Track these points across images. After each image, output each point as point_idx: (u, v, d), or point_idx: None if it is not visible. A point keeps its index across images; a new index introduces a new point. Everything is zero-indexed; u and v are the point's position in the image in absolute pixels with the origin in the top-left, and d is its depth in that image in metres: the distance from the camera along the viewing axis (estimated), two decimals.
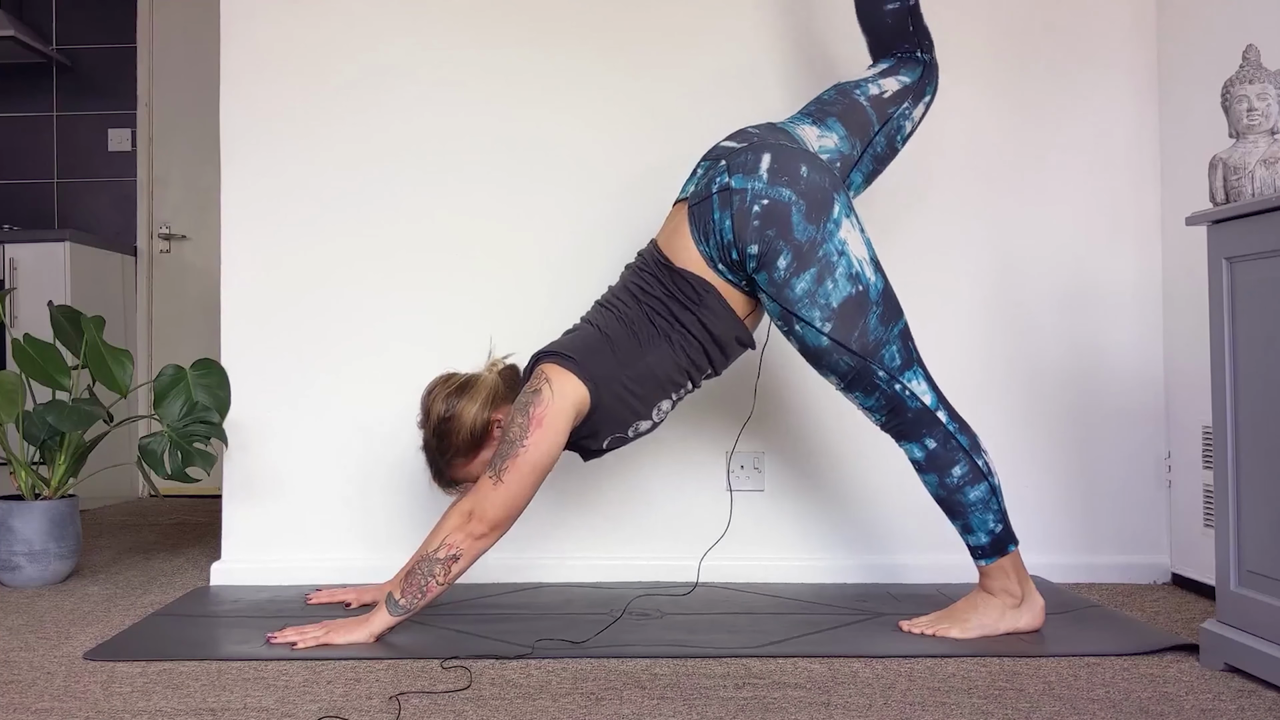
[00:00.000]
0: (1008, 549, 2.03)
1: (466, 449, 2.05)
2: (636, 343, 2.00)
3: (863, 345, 1.97)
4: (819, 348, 1.98)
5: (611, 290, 2.11)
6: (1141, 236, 2.66)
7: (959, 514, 2.02)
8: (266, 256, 2.63)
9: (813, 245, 1.94)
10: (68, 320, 2.69)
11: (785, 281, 1.95)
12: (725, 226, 1.96)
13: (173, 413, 2.53)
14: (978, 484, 2.01)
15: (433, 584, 1.94)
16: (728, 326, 2.02)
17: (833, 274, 1.95)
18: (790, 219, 1.94)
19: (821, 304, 1.95)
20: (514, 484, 1.92)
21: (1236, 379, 1.80)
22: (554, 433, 1.93)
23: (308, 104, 2.64)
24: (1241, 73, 1.83)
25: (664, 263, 2.04)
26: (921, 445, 2.01)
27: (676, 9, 2.65)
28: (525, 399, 1.95)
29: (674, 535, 2.62)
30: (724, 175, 2.00)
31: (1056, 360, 2.65)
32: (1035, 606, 2.06)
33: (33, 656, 1.95)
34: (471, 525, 1.92)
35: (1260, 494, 1.74)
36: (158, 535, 3.41)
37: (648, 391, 2.01)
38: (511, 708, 1.64)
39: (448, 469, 2.08)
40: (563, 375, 1.96)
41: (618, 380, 1.98)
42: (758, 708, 1.64)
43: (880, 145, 2.16)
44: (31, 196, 4.57)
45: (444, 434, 2.04)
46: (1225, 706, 1.64)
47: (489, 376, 2.09)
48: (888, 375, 1.98)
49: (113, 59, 4.58)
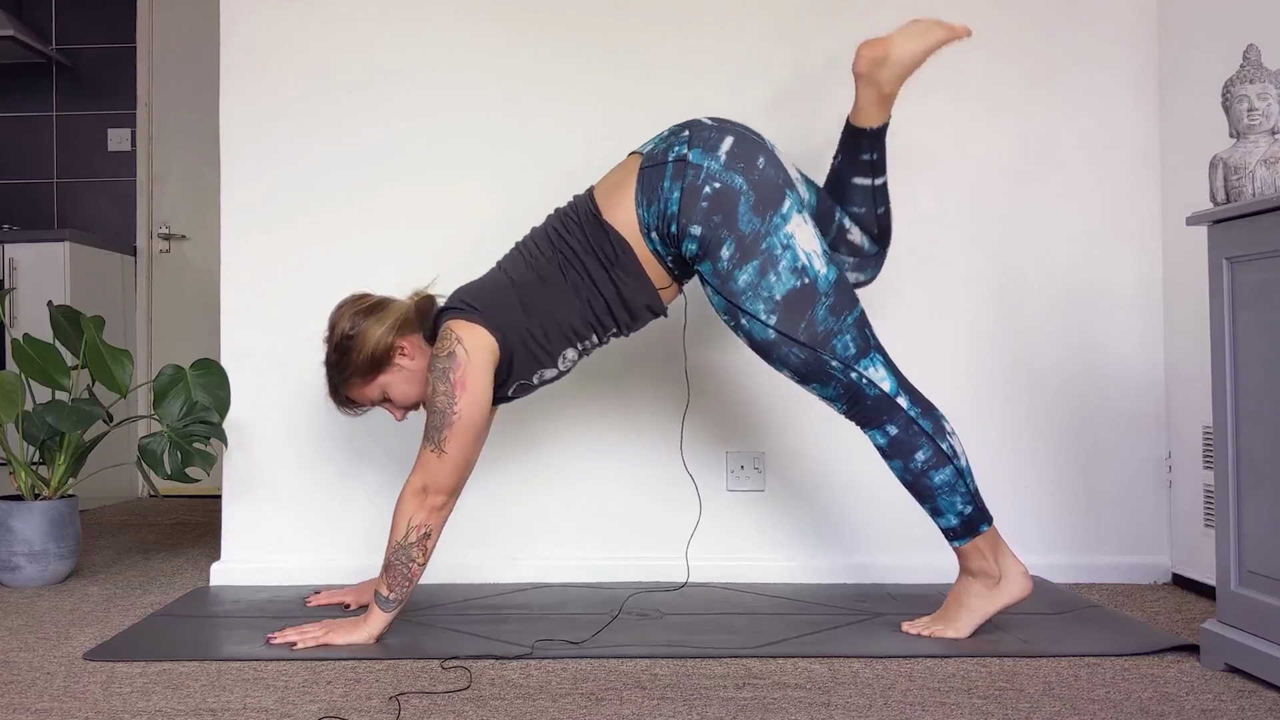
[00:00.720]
0: (980, 529, 2.02)
1: (365, 370, 2.05)
2: (545, 293, 2.00)
3: (811, 336, 1.96)
4: (766, 340, 1.97)
5: (532, 233, 2.10)
6: (1142, 236, 2.65)
7: (926, 497, 2.02)
8: (266, 256, 2.63)
9: (756, 237, 1.94)
10: (67, 320, 2.69)
11: (728, 273, 1.95)
12: (673, 198, 1.95)
13: (172, 413, 2.53)
14: (942, 467, 1.99)
15: (414, 568, 1.96)
16: (639, 293, 2.02)
17: (775, 267, 1.94)
18: (737, 208, 1.93)
19: (765, 296, 1.94)
20: (456, 450, 1.95)
21: (1237, 379, 1.80)
22: (479, 390, 1.95)
23: (308, 104, 2.64)
24: (1242, 72, 1.83)
25: (594, 214, 2.02)
26: (883, 432, 2.00)
27: (677, 9, 2.64)
28: (442, 364, 1.95)
29: (673, 535, 2.62)
30: (683, 146, 1.98)
31: (1057, 360, 2.65)
32: (1016, 576, 2.03)
33: (32, 657, 1.94)
34: (430, 499, 1.95)
35: (1261, 494, 1.74)
36: (157, 535, 3.41)
37: (554, 341, 2.02)
38: (511, 708, 1.63)
39: (344, 387, 2.09)
40: (471, 330, 1.97)
41: (524, 329, 1.99)
42: (758, 708, 1.63)
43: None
44: (31, 196, 4.57)
45: (345, 351, 2.05)
46: (1226, 707, 1.64)
47: (401, 302, 2.10)
48: (842, 364, 1.97)
49: (112, 59, 4.58)
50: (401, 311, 2.08)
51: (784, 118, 2.64)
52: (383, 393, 2.09)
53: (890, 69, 1.98)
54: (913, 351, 2.63)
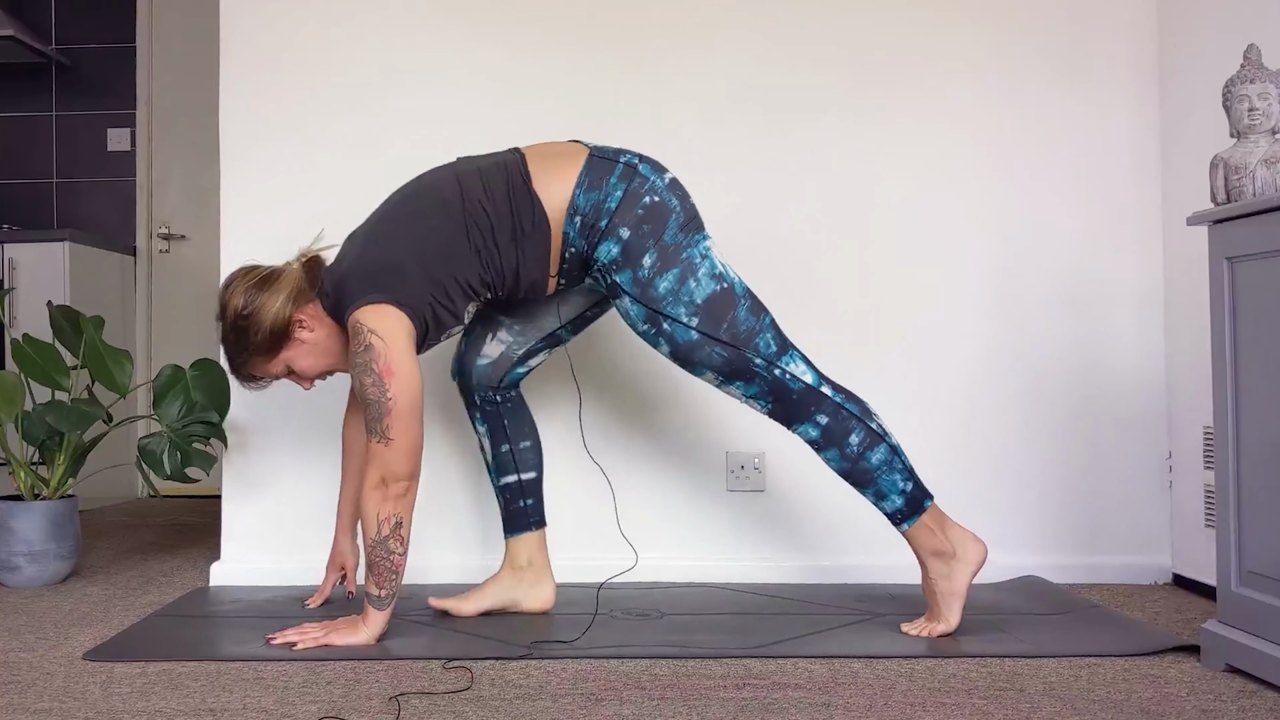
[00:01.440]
0: (924, 505, 2.03)
1: (266, 348, 2.03)
2: (446, 255, 1.98)
3: (733, 335, 1.99)
4: (689, 343, 1.99)
5: (427, 181, 2.05)
6: (1142, 236, 2.65)
7: (868, 482, 2.03)
8: (266, 256, 2.62)
9: (677, 249, 1.99)
10: (67, 320, 2.69)
11: (649, 280, 1.97)
12: (615, 195, 1.98)
13: (172, 413, 2.53)
14: (876, 446, 2.01)
15: (396, 559, 1.96)
16: (532, 271, 2.03)
17: (695, 274, 1.99)
18: (667, 223, 1.99)
19: (686, 300, 1.98)
20: (402, 435, 1.93)
21: (1237, 379, 1.80)
22: (406, 370, 1.94)
23: (308, 104, 2.64)
24: (1242, 72, 1.83)
25: (524, 179, 2.01)
26: (814, 423, 2.01)
27: (679, 8, 2.64)
28: (362, 359, 1.93)
29: (675, 534, 2.62)
30: (634, 158, 2.04)
31: (1057, 360, 2.64)
32: (969, 543, 2.04)
33: (32, 657, 1.94)
34: (391, 489, 1.94)
35: (1261, 494, 1.74)
36: (157, 535, 3.41)
37: (456, 300, 2.02)
38: (511, 708, 1.63)
39: (247, 367, 2.07)
40: (380, 314, 1.95)
41: (429, 296, 1.99)
42: (758, 708, 1.63)
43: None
44: (30, 196, 4.57)
45: (243, 330, 2.02)
46: (1226, 707, 1.63)
47: (291, 269, 2.06)
48: (765, 362, 2.00)
49: (112, 58, 4.58)
50: (294, 281, 2.04)
51: (787, 122, 2.64)
52: (287, 367, 2.08)
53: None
54: (912, 351, 2.63)
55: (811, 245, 2.64)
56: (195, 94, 4.56)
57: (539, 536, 2.25)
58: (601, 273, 2.01)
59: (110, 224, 4.56)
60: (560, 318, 2.21)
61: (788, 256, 2.63)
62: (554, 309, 2.20)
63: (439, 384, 2.62)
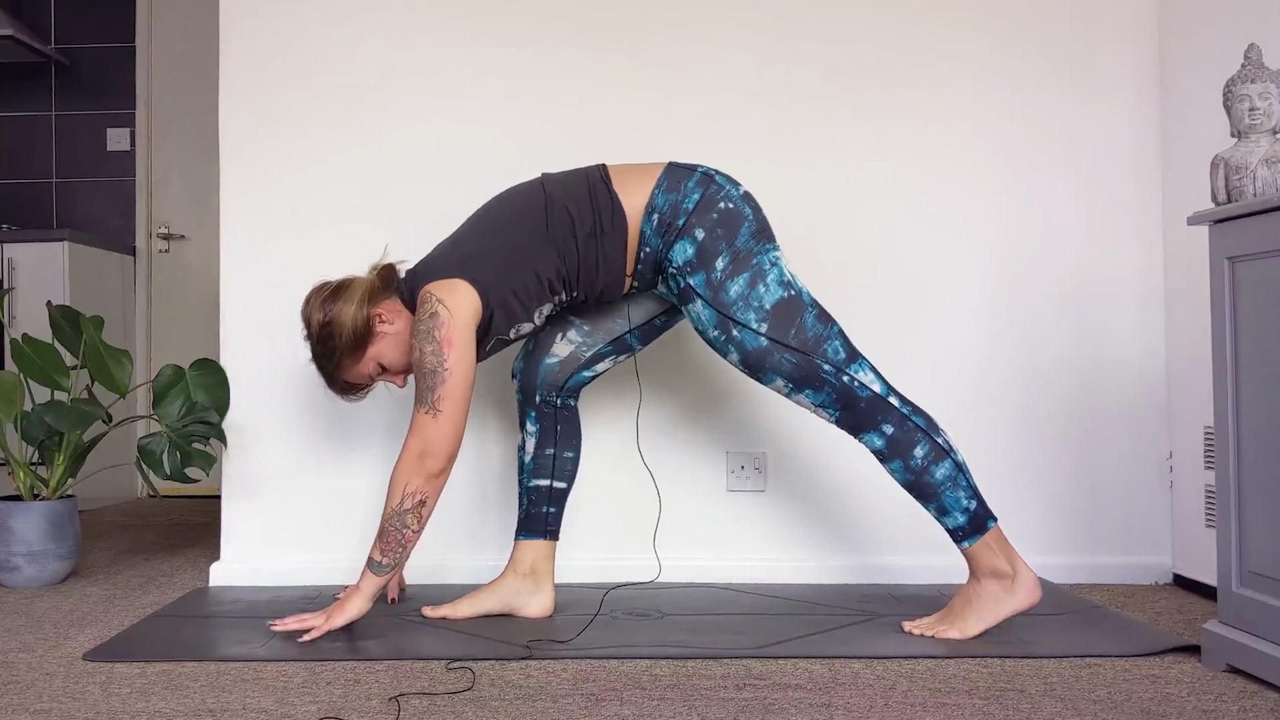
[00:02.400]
0: (987, 525, 2.03)
1: (352, 349, 2.06)
2: (524, 245, 2.03)
3: (802, 342, 2.01)
4: (759, 349, 2.01)
5: (509, 192, 2.13)
6: (1143, 236, 2.65)
7: (931, 496, 2.03)
8: (266, 256, 2.62)
9: (749, 254, 2.03)
10: (66, 320, 2.68)
11: (720, 284, 2.01)
12: (692, 198, 2.04)
13: (172, 413, 2.52)
14: (941, 461, 2.02)
15: (408, 534, 1.96)
16: (608, 270, 2.06)
17: (764, 279, 2.02)
18: (739, 229, 2.04)
19: (755, 306, 2.01)
20: (450, 410, 1.95)
21: (1238, 379, 1.80)
22: (465, 347, 1.97)
23: (308, 104, 2.64)
24: (1243, 72, 1.83)
25: (605, 182, 2.07)
26: (880, 433, 2.02)
27: (682, 7, 2.64)
28: (425, 326, 1.97)
29: (675, 534, 2.62)
30: (711, 170, 2.11)
31: (1058, 360, 2.64)
32: (1028, 582, 2.02)
33: (32, 657, 1.94)
34: (428, 464, 1.95)
35: (1262, 494, 1.74)
36: (157, 536, 3.41)
37: (531, 294, 2.05)
38: (511, 709, 1.63)
39: (339, 372, 2.10)
40: (451, 288, 1.99)
41: (504, 283, 2.02)
42: (758, 709, 1.63)
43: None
44: (30, 196, 4.56)
45: (327, 339, 2.06)
46: (1227, 708, 1.63)
47: (362, 277, 2.11)
48: (834, 368, 2.01)
49: (112, 58, 4.58)
50: (366, 285, 2.08)
51: (796, 119, 2.64)
52: (377, 365, 2.10)
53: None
54: (913, 351, 2.63)
55: (812, 244, 2.63)
56: (195, 93, 4.56)
57: (549, 547, 2.25)
58: (675, 275, 2.04)
59: (110, 224, 4.56)
60: (630, 320, 2.22)
61: (789, 256, 2.63)
62: (624, 311, 2.22)
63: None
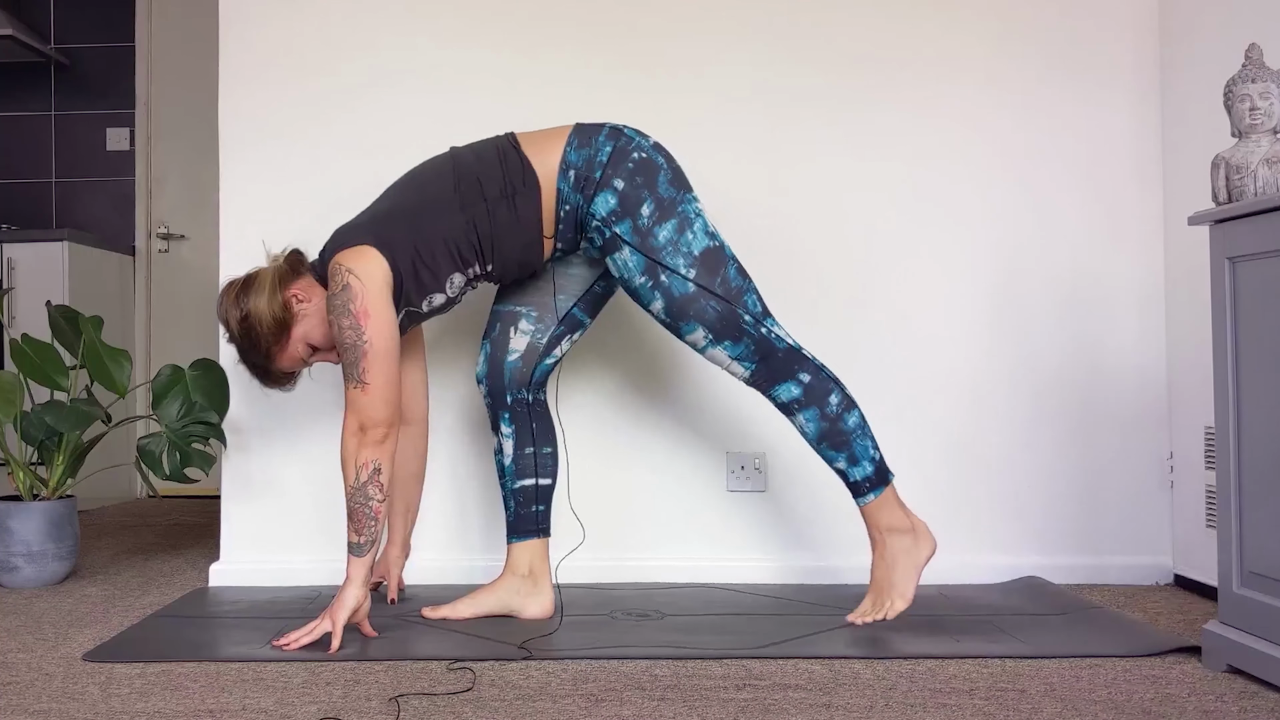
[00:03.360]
0: (888, 477, 2.08)
1: (277, 336, 2.06)
2: (432, 209, 2.03)
3: (727, 290, 2.03)
4: (685, 295, 2.02)
5: (420, 165, 2.14)
6: (1143, 236, 2.65)
7: (843, 445, 2.05)
8: (265, 256, 2.62)
9: (673, 202, 2.05)
10: (66, 320, 2.68)
11: (648, 230, 2.02)
12: (605, 150, 2.05)
13: (171, 413, 2.52)
14: (852, 409, 2.07)
15: (375, 505, 1.96)
16: (520, 234, 2.05)
17: (691, 227, 2.04)
18: (658, 177, 2.05)
19: (684, 252, 2.02)
20: (378, 378, 1.95)
21: (1239, 379, 1.79)
22: (383, 315, 1.96)
23: (307, 104, 2.63)
24: (1244, 72, 1.82)
25: (514, 146, 2.08)
26: (798, 381, 2.05)
27: (681, 6, 2.64)
28: (339, 300, 1.96)
29: (675, 534, 2.62)
30: (619, 125, 2.11)
31: (1058, 360, 2.64)
32: (925, 529, 2.09)
33: (31, 658, 1.94)
34: (370, 435, 1.95)
35: (1263, 494, 1.74)
36: (156, 536, 3.40)
37: (440, 262, 2.04)
38: (511, 709, 1.63)
39: (270, 363, 2.10)
40: (360, 255, 1.99)
41: (412, 248, 2.02)
42: (758, 709, 1.63)
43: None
44: (29, 196, 4.56)
45: (248, 332, 2.05)
46: (1228, 708, 1.63)
47: (267, 266, 2.11)
48: (754, 319, 2.04)
49: (111, 58, 4.58)
50: (274, 271, 2.08)
51: (789, 116, 2.63)
52: (306, 346, 2.10)
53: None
54: (913, 351, 2.63)
55: (810, 244, 2.63)
56: (194, 93, 4.56)
57: (543, 544, 2.25)
58: (600, 227, 2.04)
59: (109, 224, 4.55)
60: (566, 294, 2.21)
61: (788, 255, 2.63)
62: (550, 285, 2.21)
63: (454, 390, 2.62)
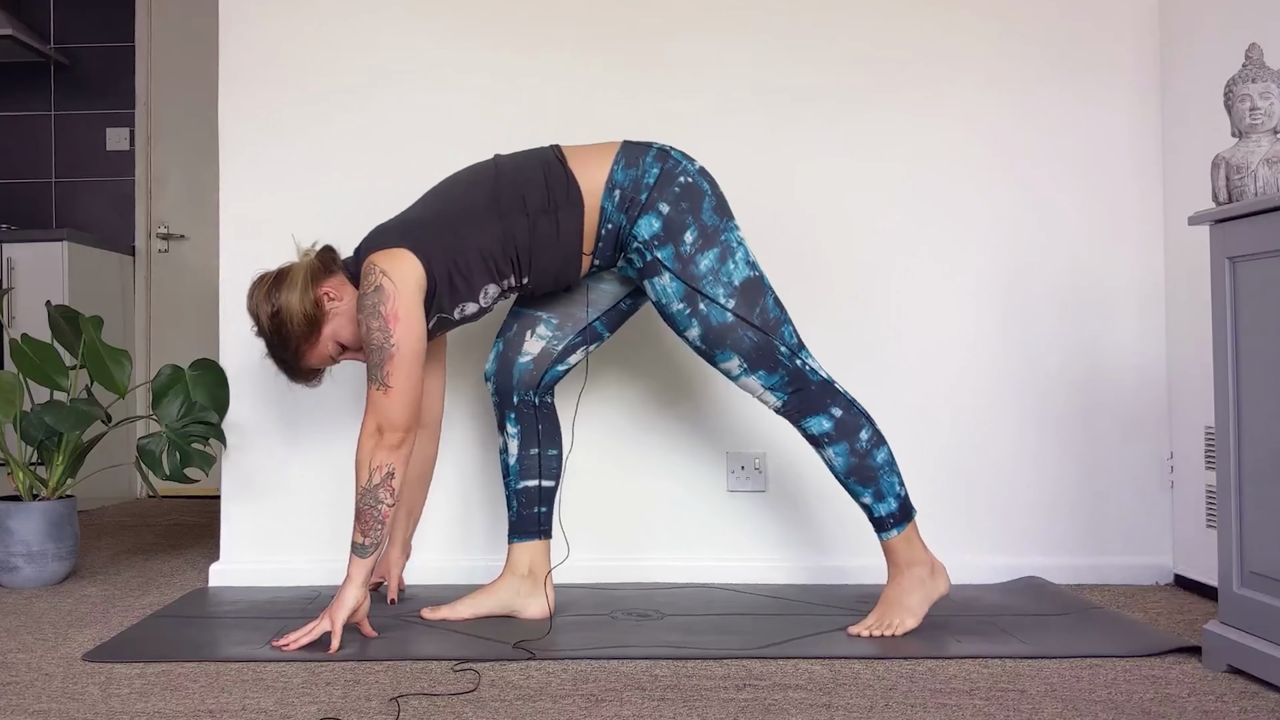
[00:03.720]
0: (911, 514, 2.08)
1: (307, 333, 2.05)
2: (470, 218, 2.02)
3: (764, 322, 2.04)
4: (723, 324, 2.02)
5: (462, 171, 2.13)
6: (1143, 236, 2.65)
7: (870, 480, 2.06)
8: (265, 256, 2.62)
9: (716, 230, 2.05)
10: (66, 320, 2.68)
11: (690, 257, 2.02)
12: (652, 172, 2.04)
13: (171, 413, 2.52)
14: (881, 446, 2.07)
15: (384, 509, 1.96)
16: (559, 249, 2.05)
17: (733, 256, 2.04)
18: (702, 204, 2.05)
19: (725, 281, 2.03)
20: (401, 383, 1.95)
21: (1239, 379, 1.79)
22: (412, 320, 1.96)
23: (307, 104, 2.63)
24: (1244, 71, 1.82)
25: (560, 160, 2.07)
26: (829, 415, 2.05)
27: (682, 6, 2.64)
28: (370, 300, 1.96)
29: (675, 534, 2.62)
30: (666, 145, 2.11)
31: (1058, 360, 2.64)
32: (942, 568, 2.10)
33: (31, 658, 1.94)
34: (387, 438, 1.95)
35: (1263, 494, 1.74)
36: (156, 536, 3.40)
37: (475, 271, 2.03)
38: (511, 709, 1.63)
39: (299, 360, 2.09)
40: (395, 258, 1.98)
41: (448, 255, 2.01)
42: (758, 709, 1.63)
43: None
44: (29, 196, 4.56)
45: (279, 327, 2.04)
46: (1228, 708, 1.63)
47: (301, 261, 2.09)
48: (789, 350, 2.05)
49: (111, 58, 4.58)
50: (307, 267, 2.07)
51: (789, 116, 2.63)
52: (335, 344, 2.09)
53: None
54: (913, 351, 2.63)
55: (809, 244, 2.63)
56: (194, 93, 4.56)
57: (544, 546, 2.25)
58: (641, 249, 2.03)
59: (109, 224, 4.55)
60: (593, 307, 2.21)
61: (789, 256, 2.63)
62: (584, 298, 2.20)
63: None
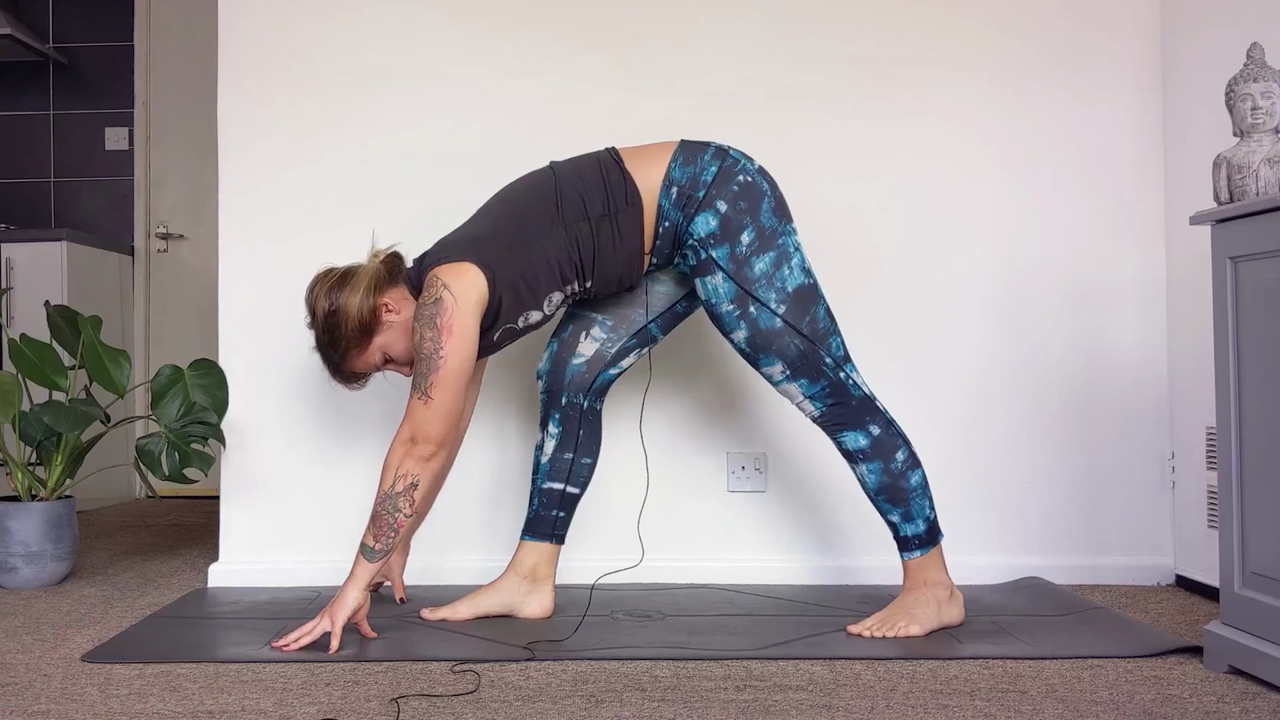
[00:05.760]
0: (938, 537, 2.09)
1: (358, 339, 2.04)
2: (534, 228, 2.02)
3: (813, 331, 2.03)
4: (771, 330, 2.01)
5: (520, 180, 2.12)
6: (1145, 236, 2.65)
7: (901, 501, 2.06)
8: (264, 256, 2.62)
9: (774, 233, 2.03)
10: (65, 320, 2.68)
11: (745, 259, 2.01)
12: (710, 169, 2.03)
13: (170, 413, 2.52)
14: (916, 469, 2.07)
15: (400, 518, 1.95)
16: (621, 252, 2.04)
17: (789, 261, 2.03)
18: (761, 204, 2.03)
19: (778, 287, 2.02)
20: (442, 397, 1.94)
21: (1240, 379, 1.79)
22: (466, 336, 1.95)
23: (307, 104, 2.63)
24: (1245, 71, 1.82)
25: (617, 161, 2.07)
26: (866, 432, 2.04)
27: (682, 6, 2.63)
28: (428, 310, 1.95)
29: (675, 535, 2.61)
30: (725, 145, 2.11)
31: (1060, 360, 2.64)
32: (959, 599, 2.10)
33: (30, 659, 1.93)
34: (419, 449, 1.94)
35: (1264, 495, 1.73)
36: (155, 536, 3.40)
37: (541, 280, 2.03)
38: (511, 710, 1.63)
39: (344, 362, 2.08)
40: (459, 272, 1.97)
41: (514, 267, 2.00)
42: (759, 710, 1.63)
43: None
44: (28, 195, 4.56)
45: (332, 328, 2.04)
46: (1229, 709, 1.63)
47: (369, 265, 2.08)
48: (834, 362, 2.04)
49: (110, 57, 4.57)
50: (372, 273, 2.06)
51: (788, 113, 2.63)
52: (383, 355, 2.09)
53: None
54: (914, 350, 2.63)
55: (809, 243, 2.62)
56: (193, 93, 4.55)
57: (554, 550, 2.24)
58: (697, 247, 2.03)
59: (108, 223, 4.55)
60: (649, 309, 2.20)
61: None
62: (642, 301, 2.19)
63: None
